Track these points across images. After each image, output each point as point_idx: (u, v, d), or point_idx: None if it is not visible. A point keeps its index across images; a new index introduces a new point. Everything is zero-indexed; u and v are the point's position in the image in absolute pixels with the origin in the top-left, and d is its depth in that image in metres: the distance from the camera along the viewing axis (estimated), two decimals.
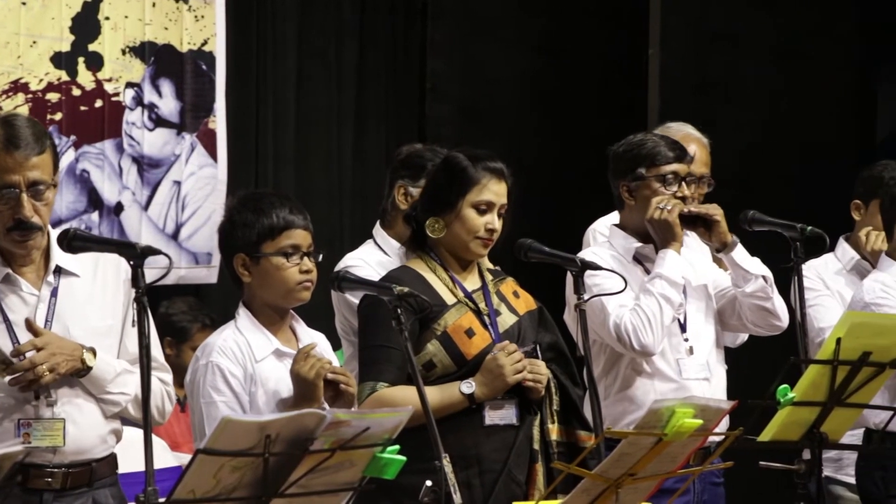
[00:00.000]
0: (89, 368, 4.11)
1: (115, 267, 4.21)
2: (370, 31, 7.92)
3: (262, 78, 7.58)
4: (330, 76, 7.79)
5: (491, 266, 4.66)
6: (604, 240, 5.20)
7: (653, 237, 5.01)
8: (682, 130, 5.60)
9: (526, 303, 4.63)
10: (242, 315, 4.27)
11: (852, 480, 5.69)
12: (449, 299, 4.51)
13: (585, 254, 4.98)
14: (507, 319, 4.55)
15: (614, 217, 5.39)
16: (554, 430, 4.50)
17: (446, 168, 4.58)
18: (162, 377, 4.25)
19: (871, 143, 8.26)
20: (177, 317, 6.77)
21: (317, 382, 4.12)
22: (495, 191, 4.52)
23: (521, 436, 4.46)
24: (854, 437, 5.34)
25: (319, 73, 7.76)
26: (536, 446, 4.46)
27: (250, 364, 4.20)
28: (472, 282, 4.59)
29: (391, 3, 8.02)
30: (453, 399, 4.41)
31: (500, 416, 4.46)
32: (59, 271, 4.18)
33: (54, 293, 4.17)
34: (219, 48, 7.23)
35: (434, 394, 4.35)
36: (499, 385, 4.43)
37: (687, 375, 4.97)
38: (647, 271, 5.01)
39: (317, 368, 4.13)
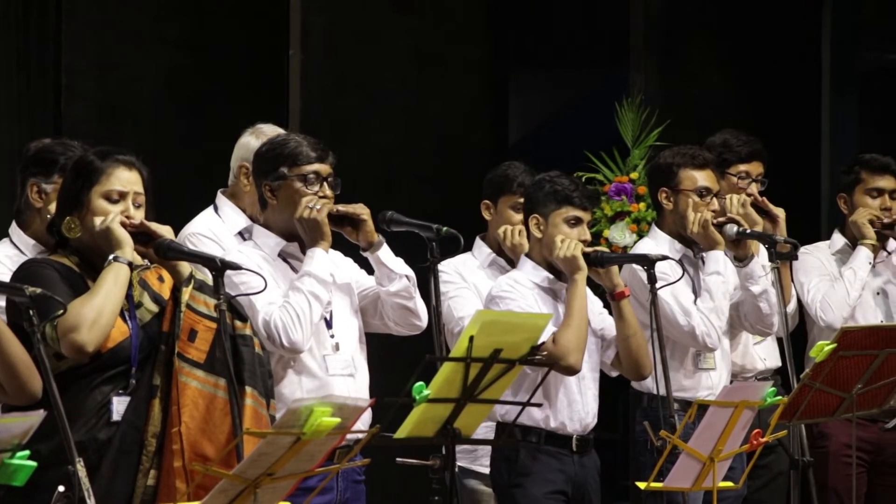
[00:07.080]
0: None
1: None
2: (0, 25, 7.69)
3: None
4: None
5: (141, 262, 4.60)
6: (207, 240, 5.27)
7: (301, 235, 5.04)
8: (275, 131, 5.62)
9: (170, 286, 4.58)
10: None
11: (485, 470, 5.89)
12: None
13: (232, 253, 4.99)
14: (148, 311, 4.50)
15: (207, 216, 5.44)
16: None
17: (74, 167, 4.54)
18: None
19: (504, 146, 8.52)
20: None
21: None
22: (125, 179, 4.48)
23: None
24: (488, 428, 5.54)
25: None
26: (157, 382, 4.42)
27: None
28: None
29: None
30: (114, 272, 4.37)
31: (119, 410, 4.40)
32: None
33: None
34: None
35: (101, 286, 4.33)
36: (118, 235, 4.39)
37: (333, 371, 5.02)
38: (294, 269, 5.04)
39: None
